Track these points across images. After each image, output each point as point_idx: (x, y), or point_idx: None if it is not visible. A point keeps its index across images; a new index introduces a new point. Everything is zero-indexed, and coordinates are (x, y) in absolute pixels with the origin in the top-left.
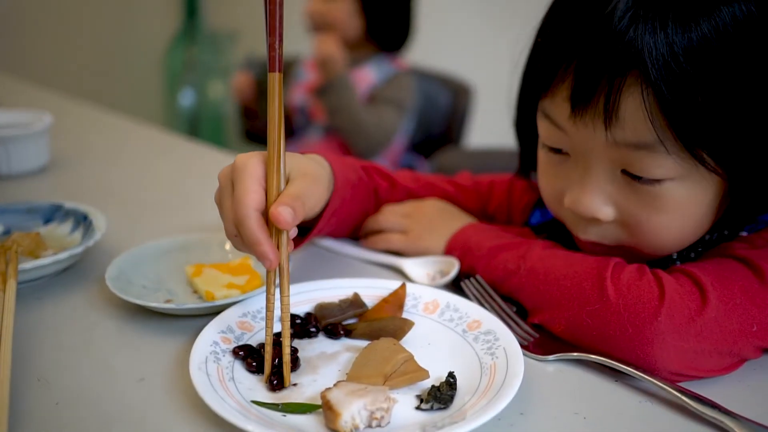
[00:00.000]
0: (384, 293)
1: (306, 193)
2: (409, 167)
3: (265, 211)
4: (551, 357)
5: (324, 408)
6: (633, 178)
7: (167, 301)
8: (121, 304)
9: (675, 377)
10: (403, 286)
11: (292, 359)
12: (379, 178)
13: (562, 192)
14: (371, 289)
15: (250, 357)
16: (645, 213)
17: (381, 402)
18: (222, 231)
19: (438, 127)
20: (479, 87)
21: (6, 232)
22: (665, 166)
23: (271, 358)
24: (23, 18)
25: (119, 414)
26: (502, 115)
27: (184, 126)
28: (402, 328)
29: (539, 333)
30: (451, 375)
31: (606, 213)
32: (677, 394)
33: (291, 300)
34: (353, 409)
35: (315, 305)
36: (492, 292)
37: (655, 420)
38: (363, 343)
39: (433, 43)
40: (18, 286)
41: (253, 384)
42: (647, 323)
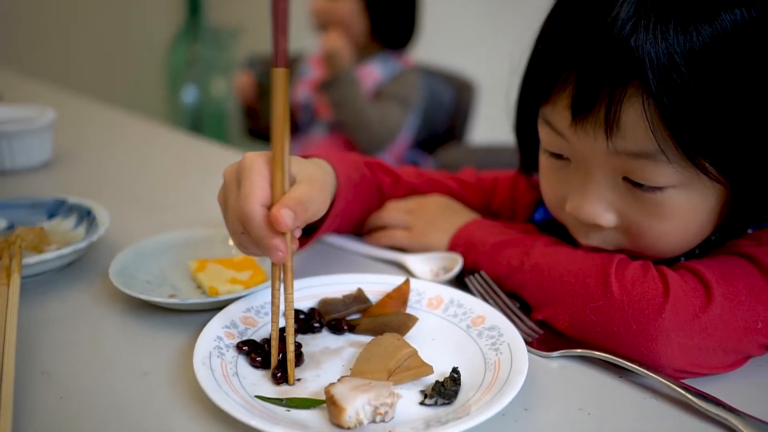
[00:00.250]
0: (388, 289)
1: (309, 199)
2: (414, 164)
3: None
4: (555, 353)
5: (328, 403)
6: (634, 185)
7: (171, 296)
8: (125, 299)
9: (679, 374)
10: (407, 281)
11: (296, 354)
12: (383, 174)
13: (564, 197)
14: (375, 285)
15: (254, 352)
16: (646, 220)
17: (385, 397)
18: (225, 227)
19: (441, 124)
20: (483, 84)
21: (10, 227)
22: (667, 174)
23: (277, 352)
24: (27, 14)
25: (123, 408)
26: (505, 112)
27: (186, 123)
28: (406, 323)
29: (543, 329)
30: (455, 370)
31: (607, 219)
32: (681, 391)
33: (295, 295)
34: (357, 404)
35: (319, 301)
36: (496, 287)
37: (659, 417)
38: (367, 339)
39: (437, 41)
40: (22, 280)
41: (257, 379)
42: (651, 320)
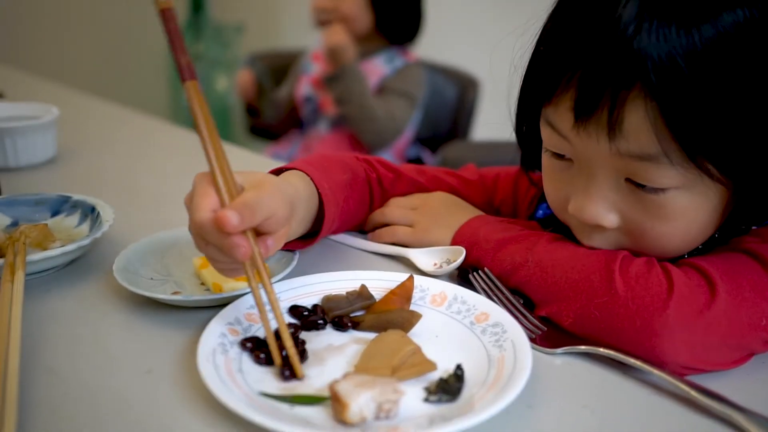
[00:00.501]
0: (391, 285)
1: (256, 202)
2: (417, 159)
3: None
4: (559, 350)
5: (332, 400)
6: (637, 186)
7: (175, 293)
8: (129, 296)
9: (683, 370)
10: (411, 278)
11: (300, 351)
12: (384, 169)
13: (566, 198)
14: (379, 281)
15: (257, 349)
16: (649, 221)
17: (389, 394)
18: None
19: (445, 122)
20: (486, 80)
21: (14, 224)
22: (669, 176)
23: (279, 350)
24: (30, 13)
25: (127, 405)
26: (509, 109)
27: (189, 120)
28: (409, 320)
29: (547, 326)
30: (459, 367)
31: (610, 220)
32: (685, 387)
33: (298, 292)
34: (361, 401)
35: (322, 297)
36: (500, 284)
37: (663, 413)
38: (370, 336)
39: (441, 37)
40: (26, 277)
41: (261, 375)
42: (656, 316)
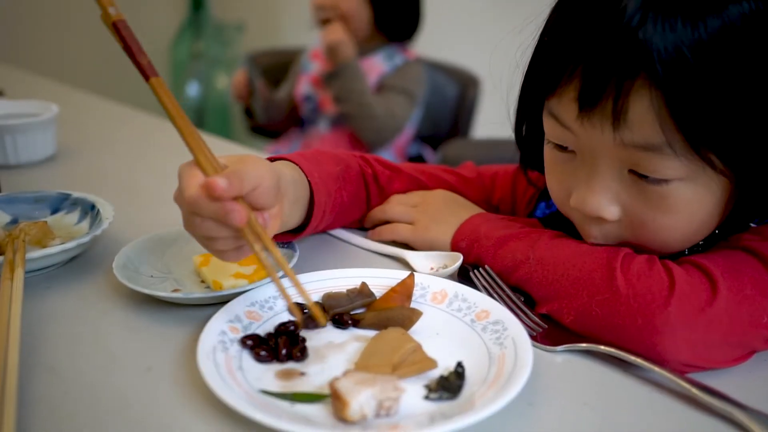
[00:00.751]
0: (392, 283)
1: (241, 171)
2: (418, 157)
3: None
4: (560, 348)
5: (332, 397)
6: (640, 177)
7: (175, 291)
8: (129, 293)
9: (684, 368)
10: (411, 275)
11: (300, 349)
12: (381, 166)
13: (569, 191)
14: (379, 279)
15: (258, 346)
16: (651, 213)
17: (389, 391)
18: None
19: (446, 120)
20: (487, 78)
21: (13, 221)
22: (673, 166)
23: (298, 308)
24: (29, 10)
25: (127, 403)
26: (508, 106)
27: (190, 117)
28: (410, 317)
29: (548, 323)
30: (460, 365)
31: (612, 212)
32: (686, 385)
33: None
34: (362, 399)
35: (323, 295)
36: (500, 282)
37: (664, 411)
38: (371, 333)
39: (441, 35)
40: (26, 275)
41: (262, 373)
42: (657, 313)
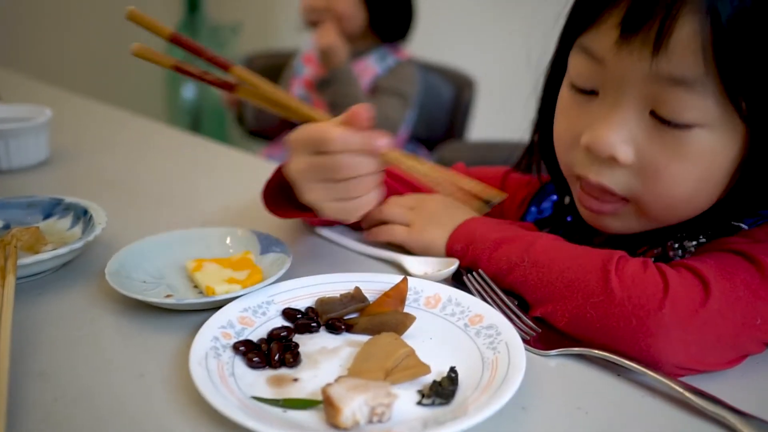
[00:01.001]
0: (385, 287)
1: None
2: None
3: None
4: (553, 352)
5: (325, 404)
6: (661, 122)
7: (167, 296)
8: (121, 299)
9: (678, 370)
10: (405, 280)
11: (293, 354)
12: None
13: (579, 133)
14: (373, 284)
15: (250, 352)
16: (665, 159)
17: (382, 397)
18: (223, 226)
19: (441, 122)
20: (482, 80)
21: (5, 227)
22: (697, 108)
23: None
24: (23, 12)
25: (119, 410)
26: (504, 108)
27: (186, 120)
28: (403, 322)
29: (541, 327)
30: (453, 370)
31: (625, 153)
32: (679, 389)
33: (291, 295)
34: (354, 405)
35: (316, 300)
36: (494, 286)
37: (657, 415)
38: (364, 338)
39: (437, 37)
40: (17, 281)
41: (254, 379)
42: (651, 315)
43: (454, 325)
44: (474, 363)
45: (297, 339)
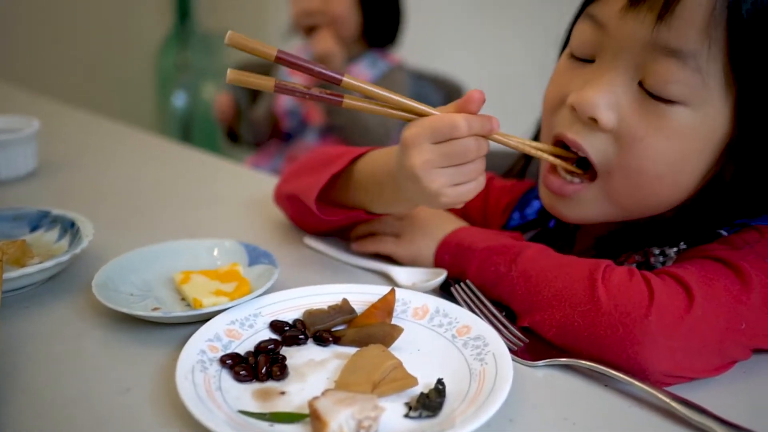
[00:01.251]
0: (373, 299)
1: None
2: None
3: None
4: (541, 362)
5: (312, 417)
6: (647, 94)
7: (154, 309)
8: (108, 312)
9: (665, 378)
10: (392, 291)
11: (280, 368)
12: None
13: (567, 94)
14: (360, 295)
15: (237, 365)
16: (643, 130)
17: (369, 410)
18: (210, 238)
19: None
20: (470, 87)
21: None
22: (685, 83)
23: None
24: (12, 21)
25: (105, 425)
26: (491, 114)
27: (176, 128)
28: (391, 334)
29: (529, 338)
30: (440, 382)
31: (607, 117)
32: (666, 399)
33: (279, 307)
34: (341, 419)
35: (303, 312)
36: (482, 296)
37: (644, 425)
38: (352, 350)
39: (424, 43)
40: (3, 294)
41: (241, 393)
42: (637, 323)
43: (441, 337)
44: (461, 374)
45: (284, 351)
